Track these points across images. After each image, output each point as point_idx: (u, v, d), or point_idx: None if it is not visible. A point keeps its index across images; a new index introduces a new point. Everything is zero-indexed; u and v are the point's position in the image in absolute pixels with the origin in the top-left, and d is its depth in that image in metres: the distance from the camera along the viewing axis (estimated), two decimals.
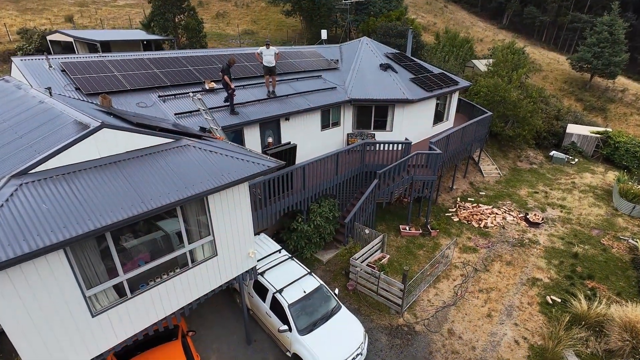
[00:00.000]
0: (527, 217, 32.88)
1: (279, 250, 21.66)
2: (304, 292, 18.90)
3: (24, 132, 13.95)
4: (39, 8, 71.59)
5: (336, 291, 20.06)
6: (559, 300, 23.77)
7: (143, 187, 12.33)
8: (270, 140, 26.04)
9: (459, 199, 35.80)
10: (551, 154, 49.41)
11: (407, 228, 29.23)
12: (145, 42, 53.37)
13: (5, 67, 47.23)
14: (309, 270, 20.20)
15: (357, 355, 17.78)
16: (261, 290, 19.46)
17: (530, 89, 45.91)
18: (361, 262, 23.53)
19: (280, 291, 18.58)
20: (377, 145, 28.35)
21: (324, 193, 26.01)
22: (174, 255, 14.05)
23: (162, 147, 14.13)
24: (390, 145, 28.31)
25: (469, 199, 36.14)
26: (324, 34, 49.57)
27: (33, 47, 48.54)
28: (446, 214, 32.93)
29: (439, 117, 37.90)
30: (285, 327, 17.71)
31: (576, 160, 49.01)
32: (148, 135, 13.88)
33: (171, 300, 14.51)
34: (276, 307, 18.52)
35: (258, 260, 19.98)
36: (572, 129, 52.70)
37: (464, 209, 33.79)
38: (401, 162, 27.49)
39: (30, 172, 11.29)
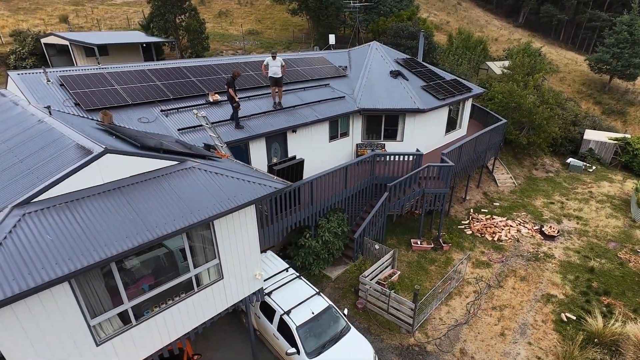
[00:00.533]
0: (543, 229, 32.80)
1: (287, 269, 21.72)
2: (313, 313, 18.97)
3: (24, 155, 14.11)
4: (31, 7, 70.97)
5: (345, 311, 20.22)
6: (574, 317, 23.75)
7: (148, 213, 12.53)
8: (275, 160, 26.18)
9: (472, 211, 35.81)
10: (568, 161, 49.35)
11: (419, 242, 29.33)
12: (144, 45, 53.38)
13: None
14: (317, 290, 20.26)
15: None
16: (268, 311, 19.56)
17: (547, 95, 45.63)
18: (371, 279, 23.66)
19: (287, 312, 18.67)
20: (387, 156, 28.49)
21: (332, 207, 26.16)
22: (179, 280, 14.27)
23: (166, 170, 14.31)
24: (401, 156, 28.44)
25: (482, 210, 36.16)
26: (331, 38, 49.54)
27: (27, 51, 48.09)
28: (459, 227, 32.91)
29: (451, 125, 37.91)
30: (294, 349, 17.80)
31: (594, 168, 48.84)
32: (152, 159, 14.07)
33: (176, 325, 14.72)
34: (284, 328, 18.60)
35: (265, 280, 20.06)
36: (590, 134, 52.48)
37: (477, 222, 33.77)
38: (412, 175, 27.59)
39: (33, 201, 11.45)
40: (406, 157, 28.55)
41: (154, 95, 23.90)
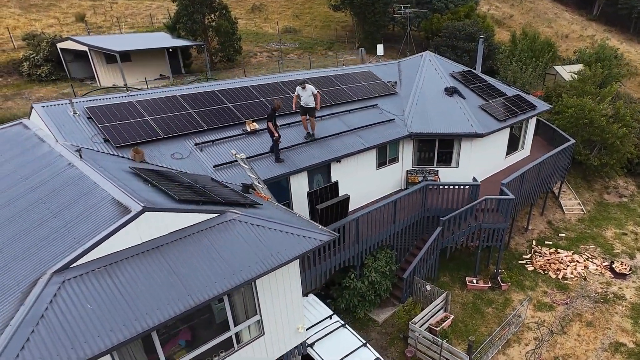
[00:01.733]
0: (613, 266, 32.48)
1: (330, 316, 22.01)
2: None
3: (57, 208, 14.91)
4: (44, 4, 71.06)
5: None
6: None
7: (188, 276, 13.29)
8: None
9: (534, 243, 35.59)
10: None
11: (474, 281, 29.49)
12: (170, 50, 54.50)
13: (10, 80, 48.55)
14: (364, 342, 20.50)
15: None
16: None
17: (622, 111, 44.45)
18: (422, 324, 24.11)
19: None
20: (440, 186, 28.78)
21: (379, 244, 26.68)
22: (219, 340, 15.11)
23: (206, 225, 15.05)
24: (456, 186, 28.68)
25: (546, 242, 35.85)
26: (380, 49, 49.66)
27: (41, 57, 49.33)
28: (519, 262, 32.80)
29: (513, 146, 37.81)
30: None
31: None
32: (191, 213, 14.84)
33: None
34: None
35: (307, 329, 20.34)
36: None
37: (540, 256, 33.63)
38: (468, 208, 27.83)
39: (72, 266, 12.28)
40: (461, 187, 28.76)
41: (187, 127, 24.23)
